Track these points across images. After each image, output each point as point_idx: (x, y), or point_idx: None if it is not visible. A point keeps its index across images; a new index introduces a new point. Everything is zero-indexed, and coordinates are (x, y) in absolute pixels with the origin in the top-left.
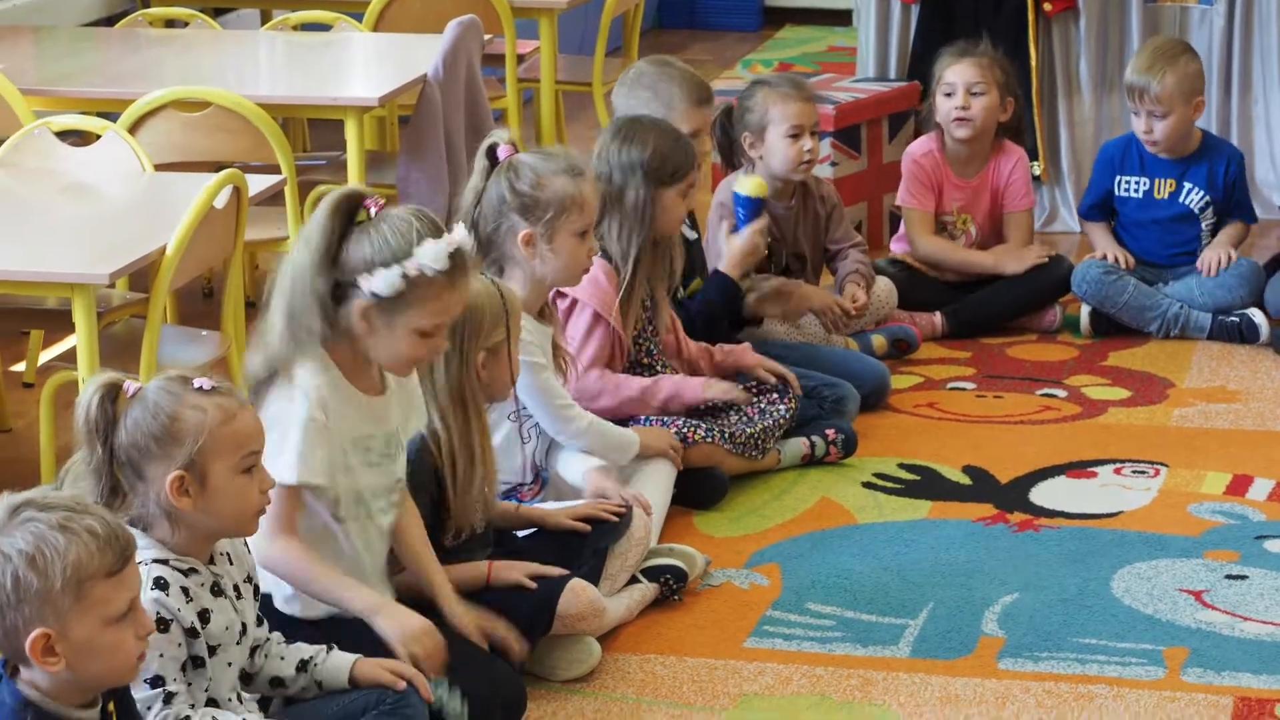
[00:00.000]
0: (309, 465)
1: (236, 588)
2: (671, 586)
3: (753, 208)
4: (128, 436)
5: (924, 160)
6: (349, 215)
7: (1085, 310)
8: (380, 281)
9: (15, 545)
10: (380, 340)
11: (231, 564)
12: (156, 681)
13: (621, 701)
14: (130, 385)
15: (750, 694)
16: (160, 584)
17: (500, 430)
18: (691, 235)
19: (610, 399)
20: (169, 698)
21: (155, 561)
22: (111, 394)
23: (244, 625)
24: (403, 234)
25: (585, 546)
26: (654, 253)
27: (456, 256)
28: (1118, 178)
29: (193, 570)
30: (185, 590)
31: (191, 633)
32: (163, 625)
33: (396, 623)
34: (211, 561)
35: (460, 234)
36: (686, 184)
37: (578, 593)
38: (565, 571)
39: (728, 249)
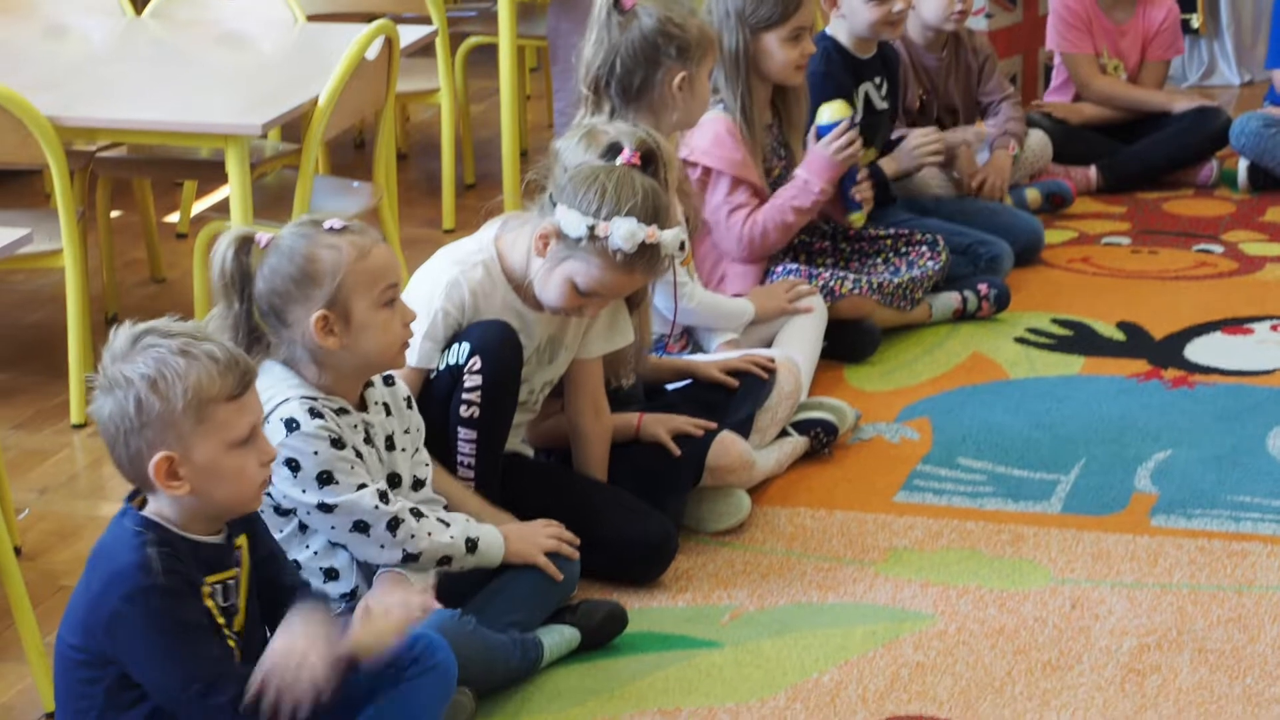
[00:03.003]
0: (424, 353)
1: (389, 439)
2: (821, 440)
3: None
4: (266, 284)
5: (1074, 3)
6: (612, 153)
7: (1243, 164)
8: (571, 220)
9: (137, 370)
10: (543, 268)
11: (389, 415)
12: (360, 486)
13: (770, 554)
14: (262, 236)
15: (900, 548)
16: (316, 413)
17: None
18: (881, 105)
19: (751, 240)
20: (383, 496)
21: (305, 398)
22: (245, 247)
23: (395, 476)
24: (621, 196)
25: (733, 406)
26: (785, 100)
27: (648, 251)
28: None
29: (343, 410)
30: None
31: (357, 455)
32: (339, 444)
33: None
34: (364, 408)
35: (669, 236)
36: (791, 28)
37: (728, 445)
38: (714, 426)
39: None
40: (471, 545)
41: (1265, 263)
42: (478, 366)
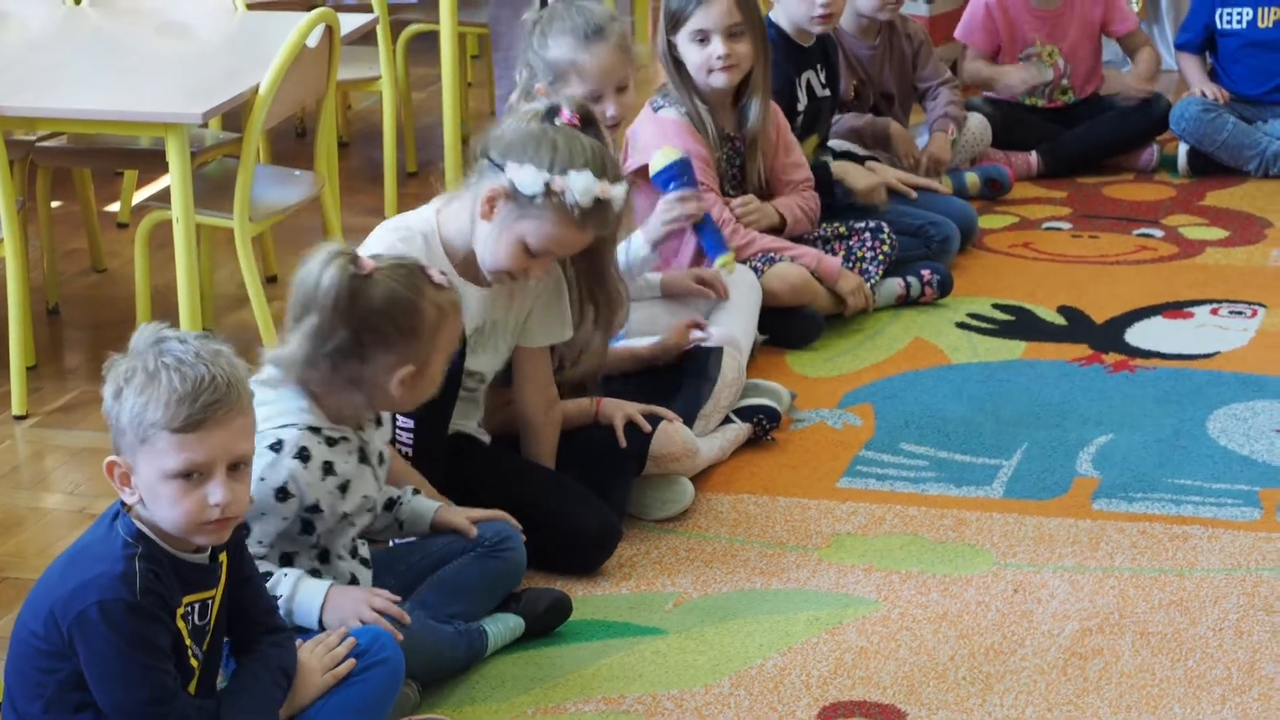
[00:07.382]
0: None
1: (381, 454)
2: (764, 426)
3: (672, 173)
4: (361, 315)
5: (993, 1)
6: (551, 115)
7: (1183, 148)
8: (526, 177)
9: (119, 373)
10: (489, 231)
11: (379, 426)
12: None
13: (714, 541)
14: (366, 263)
15: (843, 534)
16: (303, 455)
17: None
18: (823, 93)
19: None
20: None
21: (308, 429)
22: (349, 267)
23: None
24: (573, 152)
25: (678, 392)
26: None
27: (601, 207)
28: (1219, 10)
29: (343, 439)
30: (327, 466)
31: (314, 509)
32: (282, 495)
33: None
34: (360, 426)
35: (619, 191)
36: (691, 29)
37: (671, 434)
38: (672, 416)
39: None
40: (389, 503)
41: (1205, 247)
42: None
